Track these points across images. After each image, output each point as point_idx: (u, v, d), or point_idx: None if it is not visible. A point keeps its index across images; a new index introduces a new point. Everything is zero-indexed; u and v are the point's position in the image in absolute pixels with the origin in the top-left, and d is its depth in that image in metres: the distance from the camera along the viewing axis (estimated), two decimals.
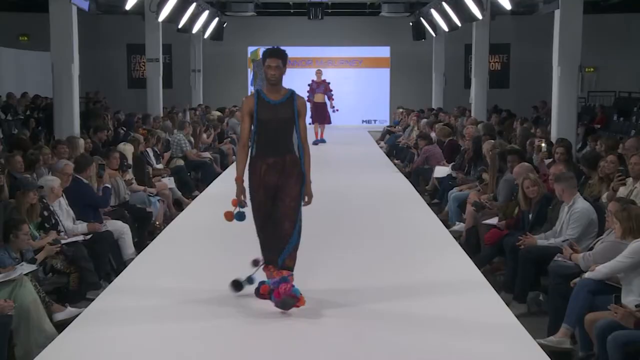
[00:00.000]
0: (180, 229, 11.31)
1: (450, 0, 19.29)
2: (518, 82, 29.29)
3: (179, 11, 19.65)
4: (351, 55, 30.65)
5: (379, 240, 10.35)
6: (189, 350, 6.35)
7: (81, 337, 6.70)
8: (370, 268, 8.84)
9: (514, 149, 11.86)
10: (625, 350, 5.88)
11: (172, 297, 7.84)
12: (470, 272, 8.77)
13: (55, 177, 9.43)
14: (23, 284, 7.16)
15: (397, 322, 7.06)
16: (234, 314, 7.27)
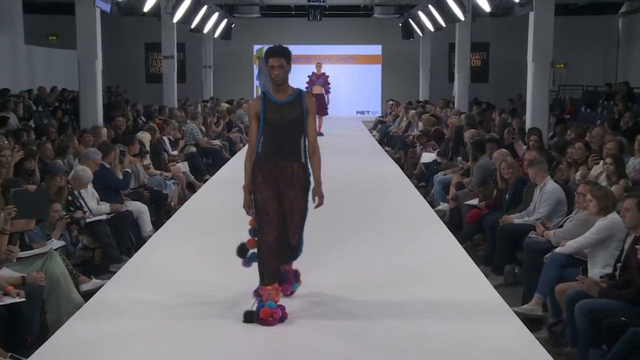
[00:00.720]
0: (193, 209, 11.33)
1: (435, 3, 19.25)
2: (496, 77, 29.26)
3: (192, 13, 19.63)
4: (347, 52, 30.58)
5: (371, 218, 10.37)
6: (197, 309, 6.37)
7: (105, 306, 6.72)
8: (363, 243, 8.87)
9: (493, 137, 11.88)
10: (590, 317, 5.90)
11: (186, 269, 7.87)
12: (453, 247, 8.80)
13: (87, 168, 9.40)
14: (53, 258, 7.18)
15: (384, 287, 7.08)
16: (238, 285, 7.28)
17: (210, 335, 5.96)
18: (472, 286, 7.25)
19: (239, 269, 7.74)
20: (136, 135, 12.83)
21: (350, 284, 7.22)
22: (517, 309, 6.97)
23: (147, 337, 5.90)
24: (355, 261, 8.09)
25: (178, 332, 6.00)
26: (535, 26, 13.34)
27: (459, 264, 8.07)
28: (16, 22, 22.01)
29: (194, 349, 5.66)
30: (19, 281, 6.42)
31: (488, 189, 10.12)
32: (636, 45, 26.58)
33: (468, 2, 18.20)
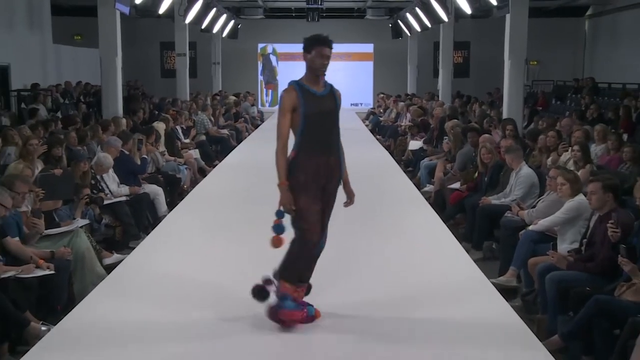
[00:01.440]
0: (203, 191, 11.33)
1: (422, 6, 19.22)
2: (476, 73, 29.23)
3: (202, 15, 19.61)
4: (342, 51, 30.42)
5: (364, 199, 10.19)
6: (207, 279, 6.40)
7: (126, 277, 6.73)
8: (356, 223, 8.87)
9: (473, 127, 11.91)
10: (559, 287, 5.93)
11: (198, 245, 7.89)
12: (438, 226, 8.80)
13: (109, 155, 9.41)
14: (79, 235, 7.20)
15: (372, 260, 7.10)
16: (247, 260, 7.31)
17: (223, 300, 5.97)
18: (454, 261, 7.26)
19: (245, 243, 7.79)
20: (152, 124, 12.85)
21: (341, 260, 7.23)
22: (494, 280, 7.00)
23: (163, 305, 5.93)
24: (347, 237, 8.09)
25: (190, 299, 6.02)
26: (511, 27, 13.32)
27: (443, 240, 8.08)
28: (45, 23, 21.97)
29: (206, 314, 5.68)
30: (49, 256, 6.45)
31: (468, 173, 10.14)
32: (600, 44, 26.55)
33: (451, 5, 18.17)
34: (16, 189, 6.49)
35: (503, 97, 14.28)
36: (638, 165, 8.59)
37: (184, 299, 6.07)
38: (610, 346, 5.07)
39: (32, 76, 19.72)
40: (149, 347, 5.06)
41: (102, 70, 13.46)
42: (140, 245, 8.07)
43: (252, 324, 5.45)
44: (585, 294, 5.51)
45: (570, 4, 25.85)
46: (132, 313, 5.76)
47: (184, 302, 5.97)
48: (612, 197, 6.12)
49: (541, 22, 25.59)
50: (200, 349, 5.03)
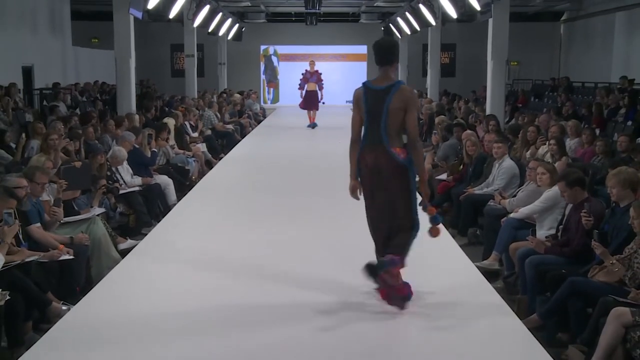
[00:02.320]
0: (210, 182, 11.32)
1: (411, 11, 19.17)
2: (462, 73, 29.17)
3: (209, 19, 19.57)
4: (338, 52, 30.42)
5: None
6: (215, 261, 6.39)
7: (139, 261, 6.73)
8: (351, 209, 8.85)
9: (459, 122, 11.88)
10: (537, 270, 5.92)
11: (205, 230, 7.88)
12: None
13: (123, 148, 9.39)
14: (95, 222, 7.19)
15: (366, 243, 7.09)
16: (252, 246, 7.30)
17: (231, 283, 5.96)
18: (441, 246, 7.22)
19: (249, 228, 7.79)
20: (163, 120, 12.81)
21: (336, 247, 7.23)
22: (478, 264, 7.00)
23: (175, 287, 5.93)
24: (342, 222, 8.08)
25: (199, 282, 6.02)
26: (494, 30, 13.30)
27: None
28: (65, 27, 21.92)
29: (214, 296, 5.67)
30: (68, 241, 6.43)
31: (454, 165, 10.12)
32: (575, 46, 26.52)
33: (438, 10, 18.11)
34: (37, 179, 6.49)
35: (486, 95, 14.26)
36: (609, 157, 8.58)
37: (194, 282, 6.07)
38: (584, 324, 5.07)
39: (53, 76, 19.69)
40: (156, 330, 5.04)
41: (117, 70, 13.40)
42: (152, 231, 8.07)
43: (260, 306, 5.44)
44: (561, 276, 5.52)
45: (547, 9, 25.83)
46: (145, 294, 5.76)
47: (194, 286, 5.97)
48: (580, 189, 6.12)
49: (521, 26, 25.58)
50: (209, 334, 4.98)
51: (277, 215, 8.59)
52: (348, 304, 5.44)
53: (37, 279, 5.60)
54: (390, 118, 5.17)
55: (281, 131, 18.84)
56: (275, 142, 16.42)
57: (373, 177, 5.26)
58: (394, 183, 5.22)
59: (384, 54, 5.39)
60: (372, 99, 5.27)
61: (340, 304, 5.45)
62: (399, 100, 5.19)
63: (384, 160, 5.19)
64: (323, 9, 22.88)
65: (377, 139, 5.20)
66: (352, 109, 5.39)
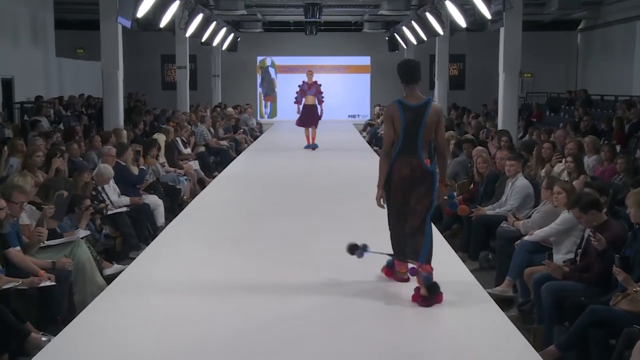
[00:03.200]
0: (203, 202, 11.28)
1: (418, 20, 19.24)
2: (471, 85, 29.22)
3: (202, 28, 19.62)
4: (339, 63, 30.52)
5: (363, 209, 10.22)
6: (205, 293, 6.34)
7: (125, 288, 6.68)
8: (354, 231, 8.82)
9: (469, 138, 11.89)
10: (555, 297, 5.90)
11: (197, 256, 7.83)
12: (434, 236, 8.70)
13: (108, 166, 9.39)
14: (80, 246, 7.16)
15: (371, 269, 7.04)
16: (248, 273, 7.26)
17: (225, 312, 5.92)
18: (451, 270, 7.21)
19: (244, 254, 7.74)
20: (153, 136, 12.83)
21: (339, 267, 7.19)
22: (491, 290, 6.95)
23: (164, 317, 5.88)
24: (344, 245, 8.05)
25: (192, 311, 5.97)
26: (506, 40, 13.34)
27: (439, 250, 8.01)
28: (48, 37, 21.99)
29: (208, 326, 5.62)
30: (50, 266, 6.41)
31: (464, 184, 10.11)
32: (593, 57, 26.59)
33: (446, 19, 18.18)
34: (14, 199, 6.46)
35: (498, 108, 14.27)
36: (631, 175, 8.56)
37: (183, 310, 6.02)
38: (607, 356, 5.03)
39: (35, 89, 19.72)
40: None
41: (103, 83, 13.43)
42: (140, 255, 8.02)
43: (251, 335, 5.41)
44: (581, 304, 5.48)
45: (563, 17, 25.88)
46: (132, 324, 5.71)
47: (184, 314, 5.92)
48: (596, 212, 6.10)
49: (535, 35, 25.63)
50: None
51: (275, 239, 8.53)
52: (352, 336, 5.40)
53: (15, 308, 5.56)
54: (425, 131, 6.14)
55: (279, 148, 18.84)
56: (272, 160, 16.41)
57: (407, 184, 6.19)
58: (421, 188, 6.18)
59: (414, 73, 6.32)
60: (410, 115, 6.15)
61: (343, 337, 5.41)
62: (433, 115, 6.17)
63: (419, 170, 6.15)
64: (323, 18, 22.98)
65: (413, 151, 6.14)
66: (385, 124, 6.32)
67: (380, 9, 20.19)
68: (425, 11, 17.80)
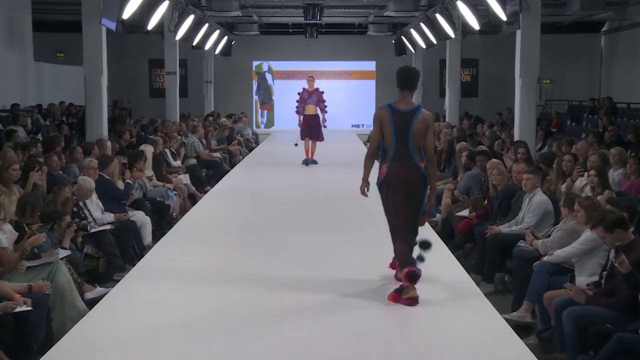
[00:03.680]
0: (194, 220, 11.26)
1: (427, 21, 19.28)
2: (485, 92, 29.27)
3: (194, 31, 19.67)
4: (342, 69, 30.56)
5: (367, 227, 10.22)
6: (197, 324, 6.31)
7: (108, 314, 6.65)
8: (357, 250, 8.81)
9: (483, 150, 11.88)
10: (578, 323, 5.88)
11: (187, 279, 7.80)
12: (445, 256, 8.74)
13: (88, 177, 9.37)
14: (59, 267, 7.15)
15: (378, 294, 7.02)
16: (239, 295, 7.24)
17: (212, 340, 5.90)
18: (463, 294, 7.20)
19: (238, 277, 7.72)
20: (139, 148, 12.83)
21: (342, 287, 7.17)
22: (507, 316, 6.94)
23: (150, 345, 5.85)
24: (350, 266, 8.03)
25: (180, 339, 5.94)
26: (522, 43, 13.35)
27: (451, 272, 8.01)
28: (26, 40, 22.02)
29: (200, 354, 5.60)
30: (26, 289, 6.38)
31: (478, 200, 10.09)
32: (618, 61, 26.62)
33: (458, 20, 18.22)
34: None
35: (514, 118, 14.28)
36: None
37: (173, 337, 5.99)
38: None
39: (12, 96, 19.71)
40: None
41: (86, 90, 13.44)
42: (125, 278, 7.99)
43: None
44: (607, 332, 5.46)
45: (585, 19, 25.91)
46: (115, 353, 5.68)
47: (173, 342, 5.90)
48: (622, 231, 6.09)
49: (554, 38, 25.70)
50: None
51: (272, 260, 8.51)
52: None
53: None
54: (414, 137, 6.92)
55: (277, 160, 18.84)
56: (269, 173, 16.40)
57: (403, 189, 6.94)
58: (417, 191, 6.98)
59: (411, 81, 7.15)
60: (399, 120, 6.96)
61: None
62: (421, 122, 6.94)
63: (414, 174, 6.95)
64: (325, 19, 23.03)
65: (406, 155, 6.94)
66: (374, 126, 7.11)
67: (386, 10, 20.24)
68: (435, 12, 17.84)
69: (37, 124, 18.19)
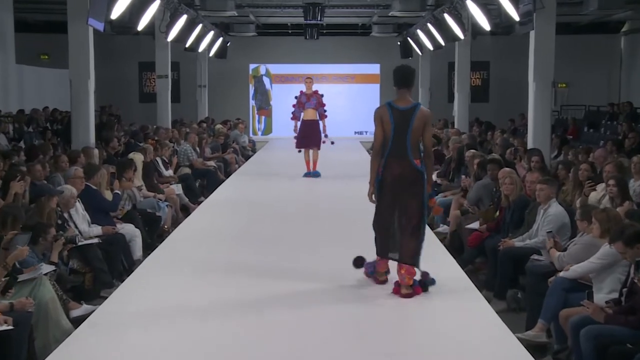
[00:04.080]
0: (186, 232, 11.27)
1: (434, 22, 19.31)
2: (497, 97, 29.30)
3: (186, 32, 19.67)
4: (344, 72, 30.61)
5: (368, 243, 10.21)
6: (190, 347, 6.31)
7: (95, 333, 6.65)
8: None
9: (494, 158, 11.88)
10: (596, 343, 5.86)
11: (179, 296, 7.81)
12: (455, 271, 8.74)
13: (69, 186, 9.36)
14: (42, 283, 7.13)
15: (387, 312, 7.02)
16: (235, 313, 7.24)
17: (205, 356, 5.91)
18: (474, 311, 7.20)
19: (233, 293, 7.72)
20: (128, 156, 12.84)
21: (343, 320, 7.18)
22: (521, 335, 6.93)
23: None
24: (355, 283, 8.03)
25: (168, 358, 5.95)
26: (536, 45, 13.37)
27: (460, 288, 8.01)
28: (7, 41, 22.03)
29: None
30: (7, 308, 6.36)
31: (488, 211, 10.09)
32: (639, 64, 26.63)
33: (468, 21, 18.25)
34: None
35: (528, 124, 14.28)
36: None
37: (164, 357, 5.99)
38: None
39: None
40: None
41: (72, 94, 13.45)
42: (113, 294, 8.00)
43: None
44: (627, 352, 5.46)
45: (603, 19, 25.93)
46: None
47: None
48: None
49: (570, 39, 25.75)
50: None
51: (269, 277, 8.50)
52: None
53: None
54: (413, 133, 7.60)
55: (275, 169, 18.85)
56: (267, 183, 16.41)
57: (397, 184, 7.60)
58: (413, 187, 7.61)
59: (408, 78, 7.93)
60: (398, 117, 7.68)
61: None
62: (420, 119, 7.65)
63: (408, 170, 7.59)
64: (326, 20, 23.06)
65: (403, 152, 7.59)
66: (375, 125, 7.82)
67: (391, 10, 20.26)
68: (443, 12, 17.86)
69: (19, 131, 18.20)
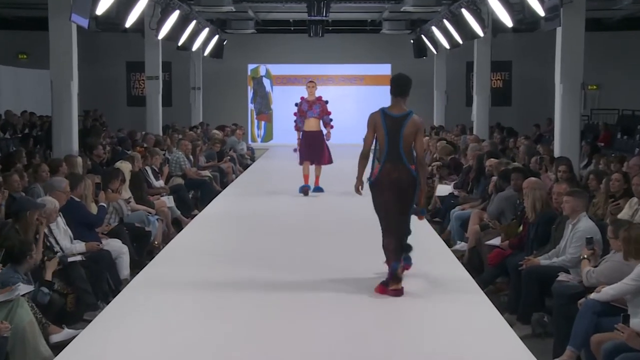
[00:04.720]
0: (178, 249, 11.26)
1: (451, 18, 19.33)
2: (520, 100, 29.30)
3: (179, 29, 19.68)
4: (352, 72, 30.65)
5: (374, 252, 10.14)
6: None
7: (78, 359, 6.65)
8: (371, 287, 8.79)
9: (518, 167, 11.87)
10: None
11: (170, 317, 7.80)
12: (474, 292, 8.72)
13: (53, 199, 9.33)
14: (20, 305, 7.11)
15: (401, 342, 7.01)
16: (233, 334, 7.24)
17: None
18: (495, 337, 7.18)
19: (228, 316, 7.71)
20: (115, 165, 12.84)
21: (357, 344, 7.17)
22: None
23: None
24: (366, 306, 8.02)
25: None
26: (564, 43, 13.37)
27: (480, 311, 8.00)
28: None
29: None
30: None
31: (511, 226, 10.06)
32: None
33: (488, 17, 18.26)
34: None
35: (554, 130, 14.27)
36: None
37: None
38: None
39: None
40: None
41: (53, 97, 13.48)
42: (98, 317, 7.99)
43: None
44: None
45: (638, 14, 25.93)
46: None
47: None
48: None
49: (602, 36, 25.73)
50: None
51: (266, 299, 8.50)
52: None
53: None
54: (405, 140, 8.64)
55: (275, 179, 18.87)
56: (266, 195, 16.40)
57: (394, 188, 8.58)
58: (408, 192, 8.65)
59: (404, 88, 8.98)
60: (391, 124, 8.73)
61: None
62: (411, 127, 8.69)
63: (404, 175, 8.61)
64: (332, 16, 23.09)
65: (397, 157, 8.62)
66: (367, 128, 8.92)
67: (403, 5, 20.30)
68: (461, 7, 17.88)
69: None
